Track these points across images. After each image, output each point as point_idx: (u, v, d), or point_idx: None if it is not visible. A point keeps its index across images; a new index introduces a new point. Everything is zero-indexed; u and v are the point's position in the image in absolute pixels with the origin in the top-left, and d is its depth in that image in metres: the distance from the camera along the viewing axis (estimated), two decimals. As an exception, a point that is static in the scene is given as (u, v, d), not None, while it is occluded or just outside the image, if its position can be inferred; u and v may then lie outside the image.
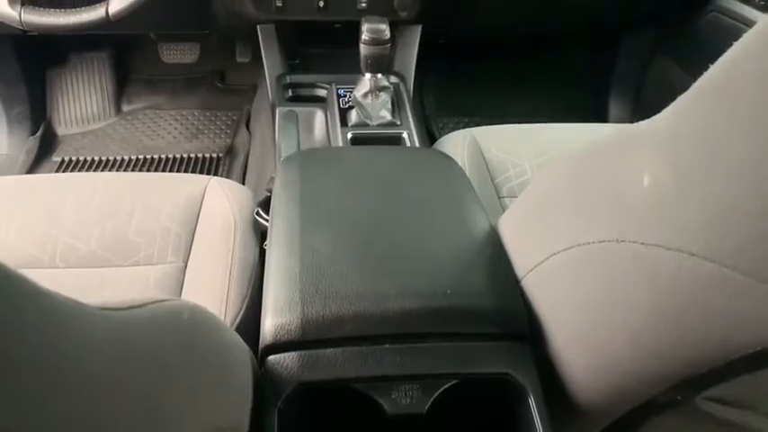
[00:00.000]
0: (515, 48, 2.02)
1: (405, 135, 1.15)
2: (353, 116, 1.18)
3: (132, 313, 0.33)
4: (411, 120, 1.21)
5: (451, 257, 0.62)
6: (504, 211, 1.15)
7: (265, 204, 1.01)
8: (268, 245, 0.67)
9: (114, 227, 1.00)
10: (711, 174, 0.38)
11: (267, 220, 0.98)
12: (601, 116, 1.96)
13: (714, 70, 0.42)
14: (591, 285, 0.49)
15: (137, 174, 1.27)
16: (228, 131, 1.91)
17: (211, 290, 0.90)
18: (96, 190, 1.05)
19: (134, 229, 1.00)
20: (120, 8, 1.02)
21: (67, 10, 1.04)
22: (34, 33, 1.10)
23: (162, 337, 0.35)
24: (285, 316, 0.55)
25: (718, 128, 0.38)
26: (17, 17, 1.02)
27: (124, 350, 0.30)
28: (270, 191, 1.05)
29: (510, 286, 0.59)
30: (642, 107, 1.86)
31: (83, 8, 1.04)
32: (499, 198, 1.15)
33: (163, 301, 0.38)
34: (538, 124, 1.31)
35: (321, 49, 1.63)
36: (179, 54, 2.02)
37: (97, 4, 1.04)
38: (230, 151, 1.85)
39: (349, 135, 1.14)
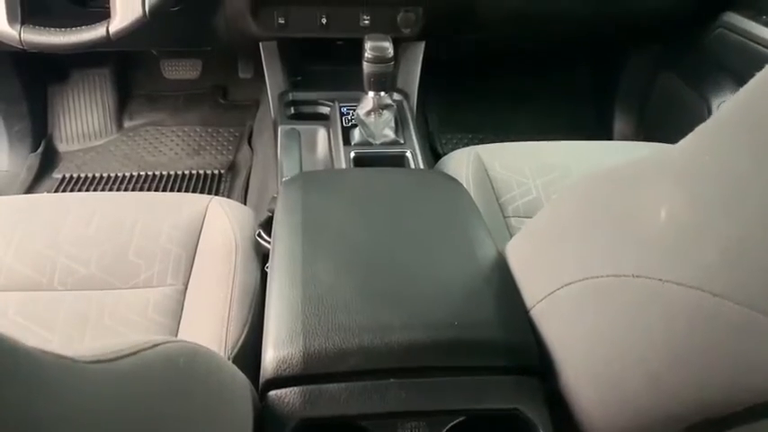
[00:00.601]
0: (519, 64, 2.01)
1: (408, 154, 1.14)
2: (356, 135, 1.17)
3: (125, 363, 0.32)
4: (415, 138, 1.19)
5: (458, 286, 0.60)
6: (509, 231, 1.13)
7: (267, 225, 0.99)
8: (269, 272, 0.65)
9: (114, 248, 0.98)
10: (733, 210, 0.37)
11: (268, 242, 0.97)
12: (605, 132, 1.95)
13: (736, 102, 0.40)
14: (605, 320, 0.47)
15: (137, 193, 1.25)
16: (230, 148, 1.90)
17: (212, 315, 0.89)
18: (96, 210, 1.04)
19: (134, 251, 0.98)
20: (120, 27, 1.01)
21: (67, 29, 1.03)
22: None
23: (157, 386, 0.34)
24: (286, 349, 0.53)
25: (741, 163, 0.37)
26: (17, 36, 1.02)
27: (116, 405, 0.28)
28: (271, 211, 1.04)
29: (519, 317, 0.57)
30: (647, 123, 1.85)
31: (83, 27, 1.03)
32: (504, 218, 1.13)
33: (157, 345, 0.37)
34: (543, 141, 1.29)
35: (324, 66, 1.62)
36: (181, 70, 2.02)
37: (98, 23, 1.03)
38: (232, 168, 1.84)
39: (352, 154, 1.12)
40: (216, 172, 1.82)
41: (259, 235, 0.97)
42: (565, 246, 0.54)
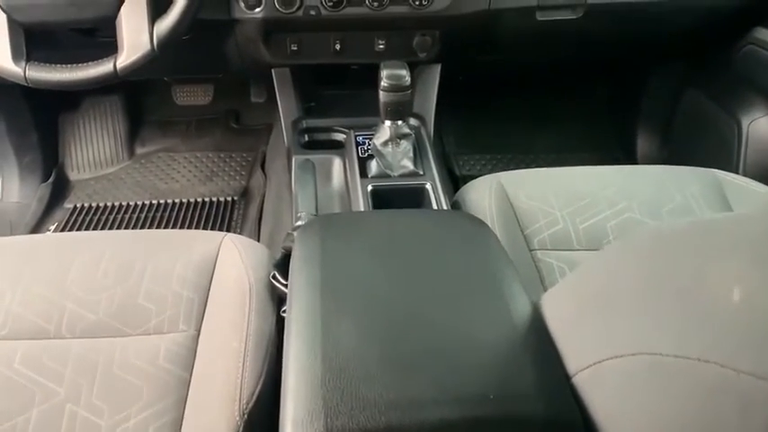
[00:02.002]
0: (536, 82, 1.96)
1: (428, 186, 1.09)
2: (373, 167, 1.12)
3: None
4: (434, 168, 1.14)
5: (492, 349, 0.55)
6: (536, 265, 1.08)
7: (282, 266, 0.95)
8: (286, 332, 0.61)
9: (123, 292, 0.94)
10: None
11: (284, 285, 0.92)
12: (627, 152, 1.89)
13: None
14: (664, 404, 0.42)
15: (146, 232, 1.22)
16: (243, 173, 1.87)
17: (225, 365, 0.84)
18: (104, 251, 1.00)
19: (144, 295, 0.94)
20: (128, 63, 0.97)
21: (74, 66, 1.00)
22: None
23: None
24: (306, 430, 0.48)
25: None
26: (22, 74, 0.98)
27: None
28: (286, 249, 1.00)
29: (561, 388, 0.52)
30: (671, 142, 1.79)
31: (90, 63, 1.00)
32: (530, 251, 1.07)
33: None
34: (567, 168, 1.24)
35: (338, 91, 1.58)
36: (192, 96, 1.99)
37: (105, 59, 1.00)
38: (245, 194, 1.80)
39: (369, 187, 1.08)
40: (229, 199, 1.78)
41: (274, 277, 0.93)
42: (617, 310, 0.49)
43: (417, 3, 1.24)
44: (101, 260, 0.99)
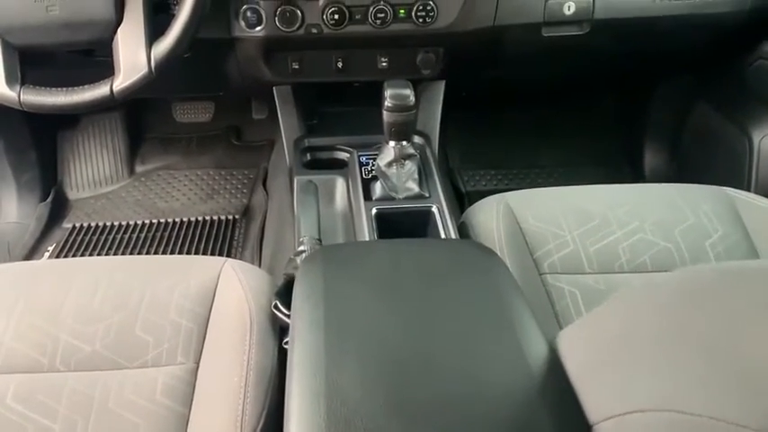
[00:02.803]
0: (541, 95, 1.93)
1: (434, 209, 1.06)
2: (378, 189, 1.09)
3: None
4: (440, 190, 1.11)
5: (507, 398, 0.52)
6: (546, 289, 1.04)
7: (284, 294, 0.92)
8: (288, 376, 0.57)
9: (120, 323, 0.91)
10: None
11: (285, 315, 0.89)
12: (634, 166, 1.86)
13: None
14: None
15: (144, 258, 1.19)
16: (245, 191, 1.84)
17: (225, 401, 0.81)
18: (101, 279, 0.97)
19: (141, 325, 0.91)
20: (124, 86, 0.95)
21: (69, 89, 0.97)
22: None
23: None
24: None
25: None
26: (16, 98, 0.96)
27: None
28: (288, 275, 0.97)
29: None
30: (680, 157, 1.76)
31: (86, 86, 0.97)
32: (540, 275, 1.04)
33: None
34: (575, 187, 1.21)
35: (340, 108, 1.56)
36: (193, 113, 1.96)
37: (101, 82, 0.97)
38: (247, 212, 1.77)
39: (374, 211, 1.05)
40: (230, 217, 1.75)
41: (275, 306, 0.90)
42: (640, 360, 0.46)
43: (421, 20, 1.22)
44: (97, 288, 0.96)
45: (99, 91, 0.96)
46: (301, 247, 1.01)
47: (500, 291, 0.64)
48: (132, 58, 0.95)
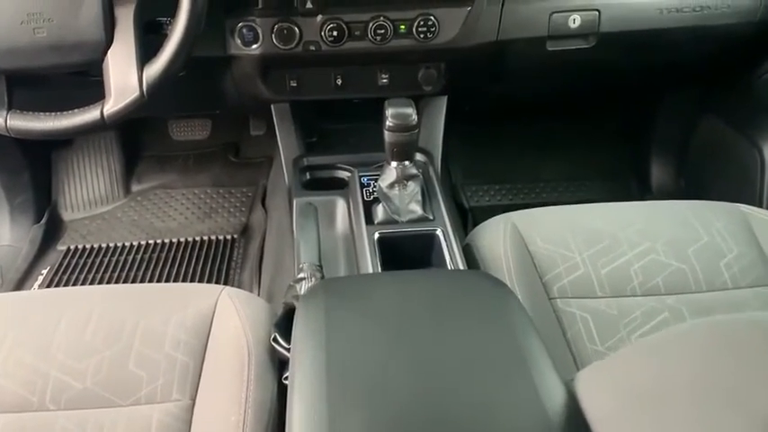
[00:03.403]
0: (545, 108, 1.89)
1: (439, 232, 1.02)
2: (380, 212, 1.05)
3: None
4: (444, 211, 1.08)
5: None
6: (557, 315, 1.00)
7: (283, 325, 0.88)
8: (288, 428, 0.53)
9: (113, 357, 0.87)
10: None
11: (285, 348, 0.85)
12: (642, 180, 1.82)
13: None
14: None
15: (137, 287, 1.15)
16: (243, 209, 1.80)
17: (223, 442, 0.77)
18: (93, 310, 0.93)
19: (135, 360, 0.87)
20: (115, 110, 0.91)
21: (58, 114, 0.94)
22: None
23: None
24: None
25: None
26: (3, 124, 0.92)
27: None
28: (287, 305, 0.93)
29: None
30: (688, 171, 1.72)
31: (75, 111, 0.93)
32: (550, 299, 1.00)
33: None
34: (583, 205, 1.17)
35: (340, 125, 1.52)
36: (190, 130, 1.93)
37: (91, 106, 0.93)
38: (246, 231, 1.73)
39: (376, 235, 1.01)
40: (228, 237, 1.71)
41: (275, 339, 0.86)
42: (670, 414, 0.42)
43: (422, 36, 1.18)
44: (89, 320, 0.92)
45: (89, 115, 0.92)
46: (301, 274, 0.97)
47: (513, 330, 0.60)
48: (123, 80, 0.91)
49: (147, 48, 0.97)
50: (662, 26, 1.26)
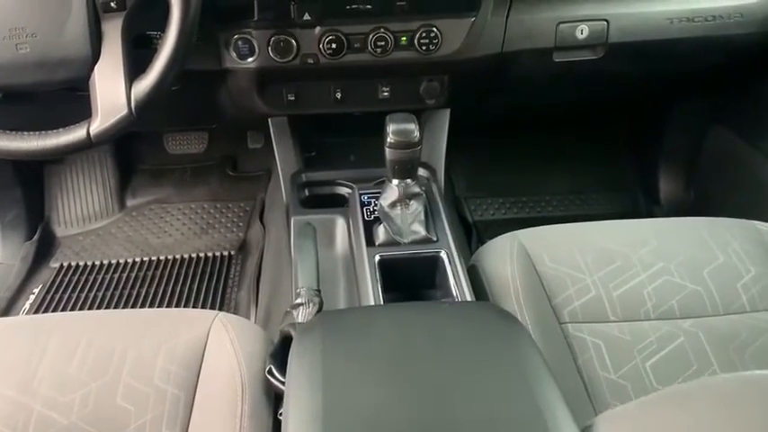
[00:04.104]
0: (550, 118, 1.85)
1: (443, 254, 0.98)
2: (381, 233, 1.01)
3: None
4: (448, 231, 1.03)
5: None
6: (567, 341, 0.95)
7: (279, 356, 0.83)
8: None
9: (100, 390, 0.83)
10: None
11: (281, 382, 0.80)
12: (650, 192, 1.77)
13: None
14: None
15: (126, 313, 1.10)
16: (241, 224, 1.75)
17: (214, 485, 0.72)
18: (81, 338, 0.89)
19: (123, 392, 0.82)
20: (102, 129, 0.86)
21: (43, 133, 0.89)
22: None
23: None
24: None
25: None
26: (-17, 144, 0.88)
27: None
28: (284, 333, 0.88)
29: None
30: (698, 183, 1.67)
31: (61, 130, 0.89)
32: (560, 324, 0.96)
33: None
34: (593, 223, 1.13)
35: (340, 138, 1.48)
36: (186, 144, 1.89)
37: (77, 125, 0.89)
38: (243, 247, 1.68)
39: (377, 258, 0.97)
40: (225, 253, 1.67)
41: (270, 371, 0.81)
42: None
43: (424, 48, 1.14)
44: (76, 349, 0.87)
45: (74, 135, 0.88)
46: (298, 300, 0.93)
47: (527, 375, 0.55)
48: (111, 97, 0.87)
49: (137, 63, 0.92)
50: (672, 36, 1.21)
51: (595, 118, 1.86)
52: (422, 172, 1.27)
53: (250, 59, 1.15)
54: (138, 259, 1.64)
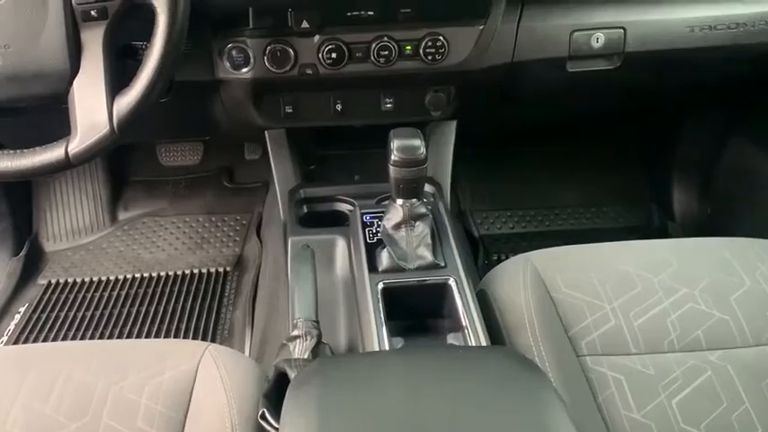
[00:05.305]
0: (558, 127, 1.78)
1: (451, 281, 0.91)
2: (384, 258, 0.93)
3: None
4: (456, 255, 0.96)
5: None
6: (586, 375, 0.88)
7: (274, 396, 0.76)
8: None
9: None
10: None
11: (275, 428, 0.73)
12: (664, 204, 1.70)
13: None
14: None
15: (110, 344, 1.04)
16: (237, 239, 1.68)
17: None
18: (59, 373, 0.82)
19: (102, 438, 0.75)
20: (82, 148, 0.79)
21: (18, 152, 0.82)
22: None
23: None
24: None
25: None
26: (-49, 164, 0.81)
27: None
28: (278, 369, 0.81)
29: None
30: (714, 196, 1.60)
31: (37, 149, 0.82)
32: (578, 357, 0.88)
33: None
34: (609, 244, 1.06)
35: (341, 151, 1.41)
36: (180, 155, 1.82)
37: (55, 143, 0.82)
38: (239, 264, 1.62)
39: (380, 285, 0.89)
40: (221, 270, 1.60)
41: (263, 416, 0.74)
42: None
43: (430, 57, 1.07)
44: (53, 386, 0.80)
45: (52, 154, 0.81)
46: (295, 332, 0.86)
47: (546, 424, 0.48)
48: (91, 114, 0.80)
49: (122, 76, 0.85)
50: (693, 45, 1.14)
51: (606, 127, 1.79)
52: (427, 188, 1.20)
53: (245, 69, 1.08)
54: (129, 276, 1.57)
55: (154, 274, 1.57)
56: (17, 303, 1.52)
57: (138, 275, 1.58)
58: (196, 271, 1.59)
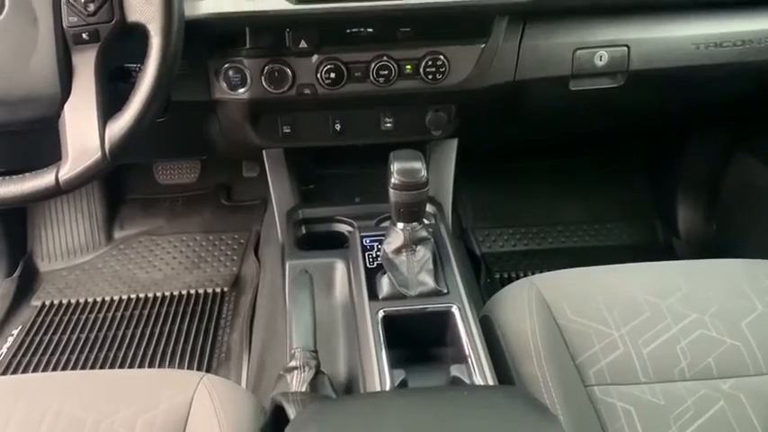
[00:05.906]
0: (561, 143, 1.76)
1: (454, 309, 0.88)
2: (384, 285, 0.90)
3: None
4: (459, 281, 0.93)
5: None
6: (595, 406, 0.85)
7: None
8: None
9: None
10: None
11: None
12: (669, 222, 1.68)
13: None
14: None
15: (102, 374, 1.01)
16: (235, 258, 1.66)
17: None
18: (48, 407, 0.79)
19: (93, 475, 0.72)
20: (73, 175, 0.77)
21: (7, 178, 0.80)
22: None
23: None
24: None
25: None
26: (-64, 191, 0.78)
27: None
28: (275, 402, 0.78)
29: None
30: (719, 213, 1.57)
31: (26, 175, 0.79)
32: (585, 387, 0.86)
33: None
34: (615, 267, 1.03)
35: (340, 170, 1.38)
36: (177, 173, 1.79)
37: (45, 169, 0.79)
38: (237, 283, 1.59)
39: (381, 314, 0.86)
40: (218, 290, 1.57)
41: (260, 454, 0.71)
42: None
43: (430, 77, 1.05)
44: (42, 421, 0.77)
45: (42, 181, 0.78)
46: (293, 362, 0.83)
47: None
48: (82, 140, 0.77)
49: (115, 99, 0.83)
50: (698, 63, 1.12)
51: (610, 144, 1.77)
52: (428, 208, 1.17)
53: (242, 90, 1.06)
54: (124, 296, 1.55)
55: (150, 295, 1.55)
56: (10, 326, 1.49)
57: (133, 296, 1.55)
58: (193, 291, 1.56)
